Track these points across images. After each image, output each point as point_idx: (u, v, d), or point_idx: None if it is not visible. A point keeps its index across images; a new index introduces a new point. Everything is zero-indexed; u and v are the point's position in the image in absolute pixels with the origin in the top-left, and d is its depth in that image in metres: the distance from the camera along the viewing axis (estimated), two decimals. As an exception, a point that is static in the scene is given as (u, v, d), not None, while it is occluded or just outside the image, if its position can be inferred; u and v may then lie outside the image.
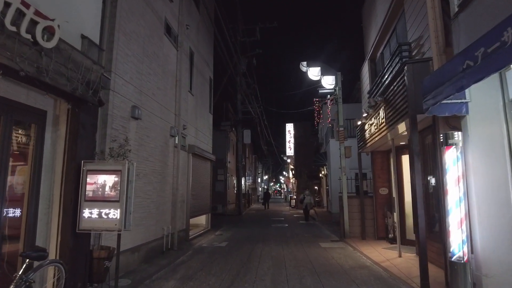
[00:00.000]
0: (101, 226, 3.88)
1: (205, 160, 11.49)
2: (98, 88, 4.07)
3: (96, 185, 3.96)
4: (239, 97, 22.09)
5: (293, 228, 12.97)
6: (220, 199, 22.29)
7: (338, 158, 16.32)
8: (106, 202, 3.91)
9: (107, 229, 3.91)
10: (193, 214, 10.00)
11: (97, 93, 4.10)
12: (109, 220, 3.87)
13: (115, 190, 3.95)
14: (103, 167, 4.04)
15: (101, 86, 4.22)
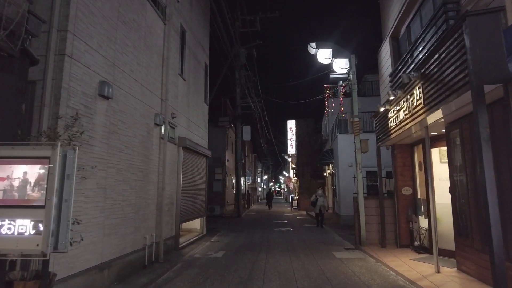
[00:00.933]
0: (12, 248, 2.42)
1: (199, 156, 10.05)
2: (19, 31, 2.65)
3: (9, 181, 2.52)
4: (238, 91, 20.67)
5: (299, 233, 11.54)
6: (217, 200, 20.86)
7: (348, 154, 14.90)
8: (23, 209, 2.46)
9: (23, 253, 2.45)
10: (184, 218, 8.56)
11: (19, 40, 2.67)
12: (25, 239, 2.42)
13: (40, 189, 2.51)
14: (22, 153, 2.58)
15: (28, 31, 2.79)
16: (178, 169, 8.17)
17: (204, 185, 10.68)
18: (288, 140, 27.50)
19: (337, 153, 15.04)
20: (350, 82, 9.48)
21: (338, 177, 14.95)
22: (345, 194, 14.08)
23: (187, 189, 8.77)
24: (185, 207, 8.61)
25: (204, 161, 10.78)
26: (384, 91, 8.85)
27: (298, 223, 15.28)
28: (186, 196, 8.68)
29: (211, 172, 21.45)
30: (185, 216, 8.63)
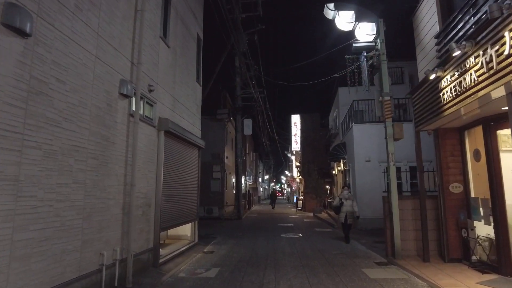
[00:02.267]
0: None
1: (189, 145, 8.11)
2: None
3: None
4: (238, 80, 18.75)
5: (311, 240, 9.58)
6: (216, 200, 18.93)
7: (365, 148, 12.90)
8: None
9: None
10: (167, 224, 6.62)
11: None
12: None
13: None
14: None
15: None
16: (159, 160, 6.22)
17: (196, 182, 8.74)
18: (292, 136, 25.53)
19: (351, 147, 13.09)
20: (377, 52, 7.54)
21: (353, 174, 12.99)
22: (362, 193, 12.13)
23: (171, 186, 6.83)
24: (169, 210, 6.66)
25: (196, 153, 8.84)
26: (424, 59, 6.90)
27: (306, 226, 13.32)
28: (169, 196, 6.73)
29: (208, 170, 19.55)
30: (169, 221, 6.68)
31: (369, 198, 12.03)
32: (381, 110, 7.49)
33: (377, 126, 12.48)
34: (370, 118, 12.73)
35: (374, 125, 12.52)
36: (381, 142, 12.43)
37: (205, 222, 15.73)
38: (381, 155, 12.19)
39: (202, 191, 19.76)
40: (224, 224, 14.96)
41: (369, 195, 12.05)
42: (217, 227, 13.61)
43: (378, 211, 12.14)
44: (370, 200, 12.02)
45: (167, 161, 6.57)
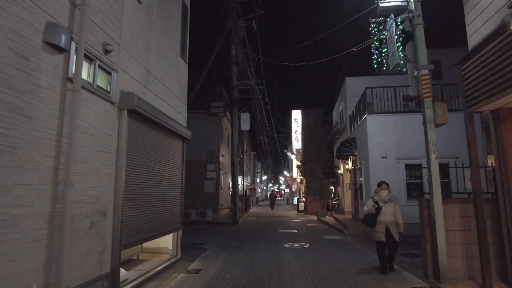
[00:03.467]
0: None
1: (168, 134, 6.39)
2: None
3: None
4: (235, 71, 17.05)
5: (322, 252, 7.87)
6: (210, 202, 17.20)
7: (380, 142, 10.98)
8: None
9: None
10: (133, 238, 4.86)
11: None
12: None
13: None
14: None
15: None
16: (120, 150, 4.48)
17: (180, 182, 6.99)
18: (293, 133, 23.83)
19: (364, 142, 11.40)
20: (411, 15, 5.84)
21: (366, 173, 11.30)
22: (377, 195, 10.42)
23: (140, 187, 5.09)
24: (136, 219, 4.92)
25: (180, 146, 7.10)
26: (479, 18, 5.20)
27: (312, 233, 11.60)
28: (138, 200, 4.99)
29: (202, 169, 17.83)
30: (136, 234, 4.93)
31: (386, 200, 10.33)
32: (416, 88, 5.79)
33: (394, 117, 10.84)
34: (385, 108, 11.05)
35: (390, 116, 10.86)
36: (399, 136, 10.82)
37: (197, 227, 13.99)
38: (399, 151, 10.55)
39: (195, 192, 18.04)
40: (218, 229, 13.22)
41: (386, 197, 10.35)
42: (210, 233, 11.87)
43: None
44: (387, 203, 10.32)
45: (133, 152, 4.83)
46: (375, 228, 5.79)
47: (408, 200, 10.31)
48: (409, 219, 10.45)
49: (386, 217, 5.74)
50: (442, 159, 10.49)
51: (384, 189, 5.94)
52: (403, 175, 10.44)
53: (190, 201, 17.48)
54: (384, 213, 5.75)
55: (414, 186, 10.46)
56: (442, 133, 10.58)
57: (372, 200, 5.98)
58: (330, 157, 21.93)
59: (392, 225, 5.72)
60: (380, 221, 5.73)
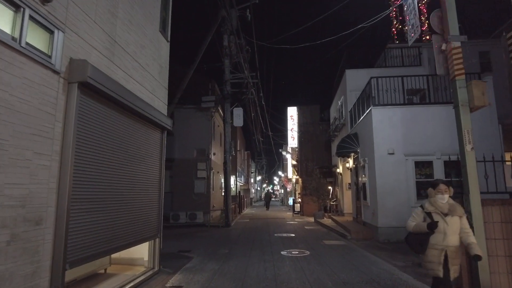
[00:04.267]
0: None
1: (143, 122, 5.27)
2: None
3: None
4: (227, 63, 15.94)
5: (325, 262, 6.80)
6: (200, 204, 16.09)
7: (387, 137, 9.63)
8: None
9: None
10: (86, 253, 3.71)
11: None
12: None
13: None
14: None
15: None
16: (66, 136, 3.36)
17: (158, 181, 5.87)
18: (289, 130, 22.80)
19: (368, 137, 10.38)
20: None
21: (370, 172, 10.28)
22: (384, 195, 9.42)
23: (98, 186, 3.96)
24: (91, 227, 3.79)
25: (158, 137, 5.98)
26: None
27: (311, 237, 10.54)
28: (94, 202, 3.86)
29: (192, 168, 16.69)
30: (90, 248, 3.78)
31: (393, 202, 9.34)
32: (443, 65, 4.76)
33: (402, 110, 9.83)
34: (392, 100, 10.04)
35: (397, 108, 9.86)
36: (407, 130, 9.80)
37: (186, 230, 12.86)
38: (408, 146, 9.55)
39: (185, 193, 16.86)
40: (208, 233, 12.11)
41: (393, 198, 9.36)
42: (199, 238, 10.75)
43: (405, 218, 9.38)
44: (394, 205, 9.33)
45: (87, 140, 3.71)
46: (426, 255, 3.53)
47: (418, 201, 9.29)
48: (419, 222, 9.46)
49: (446, 239, 3.39)
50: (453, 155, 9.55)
51: (442, 192, 3.53)
52: (412, 173, 9.44)
53: (180, 203, 16.36)
54: (443, 232, 3.41)
55: (425, 186, 9.44)
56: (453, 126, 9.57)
57: (422, 209, 3.67)
58: (327, 155, 20.94)
59: (454, 252, 3.42)
60: (435, 244, 3.44)
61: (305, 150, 21.75)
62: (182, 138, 16.74)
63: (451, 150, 9.50)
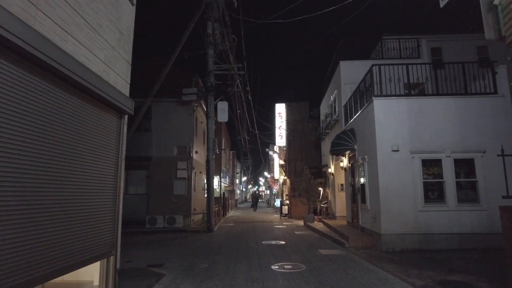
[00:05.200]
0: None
1: (88, 99, 3.88)
2: None
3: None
4: (212, 53, 14.58)
5: (327, 281, 5.55)
6: (180, 207, 14.65)
7: (391, 131, 7.98)
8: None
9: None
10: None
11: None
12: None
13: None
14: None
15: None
16: None
17: (112, 180, 4.47)
18: (277, 128, 21.58)
19: (369, 132, 9.24)
20: None
21: (372, 171, 9.14)
22: (387, 198, 8.27)
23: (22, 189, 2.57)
24: (12, 249, 2.40)
25: (114, 122, 4.58)
26: None
27: (304, 246, 9.30)
28: (15, 211, 2.47)
29: (171, 167, 15.21)
30: (12, 277, 2.40)
31: (398, 205, 8.22)
32: (491, 27, 3.59)
33: (408, 102, 8.74)
34: (395, 91, 8.93)
35: (403, 100, 8.77)
36: (413, 124, 8.64)
37: (162, 237, 11.42)
38: (414, 143, 8.45)
39: (163, 195, 15.24)
40: (187, 240, 10.71)
41: (398, 201, 8.23)
42: (176, 246, 9.34)
43: (410, 223, 8.33)
44: (399, 209, 8.20)
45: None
46: None
47: (426, 205, 8.21)
48: (426, 227, 8.34)
49: None
50: (463, 153, 8.52)
51: None
52: (419, 173, 8.33)
53: (157, 206, 14.85)
54: None
55: (432, 187, 8.38)
56: (463, 120, 8.61)
57: None
58: (317, 155, 19.84)
59: None
60: None
61: (294, 149, 20.58)
62: (160, 134, 15.26)
63: (461, 147, 8.48)
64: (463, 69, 8.86)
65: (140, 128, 15.60)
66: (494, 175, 8.21)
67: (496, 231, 8.04)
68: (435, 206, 8.21)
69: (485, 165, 8.27)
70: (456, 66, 8.85)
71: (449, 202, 8.21)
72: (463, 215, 8.14)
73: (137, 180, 15.32)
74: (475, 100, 8.63)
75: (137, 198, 15.10)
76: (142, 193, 15.09)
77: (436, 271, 5.94)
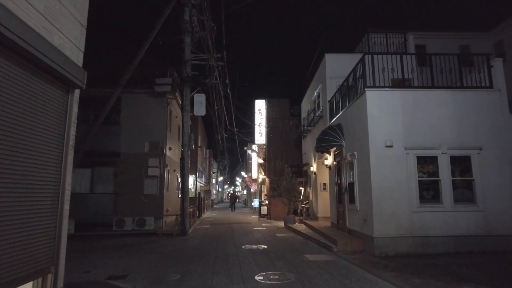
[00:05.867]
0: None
1: (25, 65, 2.79)
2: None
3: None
4: (188, 41, 13.49)
5: (320, 294, 4.72)
6: (151, 208, 13.45)
7: (384, 124, 7.16)
8: None
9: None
10: None
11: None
12: None
13: None
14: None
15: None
16: None
17: (54, 177, 3.40)
18: (256, 125, 20.69)
19: (360, 126, 8.55)
20: None
21: (362, 168, 8.45)
22: (380, 198, 7.58)
23: None
24: None
25: (61, 98, 3.50)
26: None
27: (288, 250, 8.46)
28: None
29: (141, 164, 13.94)
30: None
31: (392, 206, 7.55)
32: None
33: (402, 94, 8.12)
34: (389, 82, 8.29)
35: (397, 92, 8.14)
36: (408, 118, 7.97)
37: (130, 241, 10.25)
38: (409, 138, 7.83)
39: (132, 194, 13.77)
40: (158, 245, 9.60)
41: (392, 202, 7.57)
42: (144, 253, 8.22)
43: (404, 225, 7.66)
44: (393, 210, 7.54)
45: None
46: None
47: (421, 206, 7.60)
48: (422, 229, 7.65)
49: None
50: (460, 149, 7.97)
51: None
52: (414, 171, 7.72)
53: (126, 206, 13.52)
54: None
55: (427, 186, 7.78)
56: (459, 115, 8.07)
57: None
58: (298, 153, 19.17)
59: None
60: None
61: (274, 147, 19.79)
62: (131, 128, 13.98)
63: (458, 143, 7.93)
64: (459, 62, 8.36)
65: (108, 121, 14.25)
66: (491, 173, 7.73)
67: (493, 233, 7.57)
68: (430, 207, 7.61)
69: (482, 163, 7.78)
70: (452, 58, 8.33)
71: (445, 202, 7.63)
72: (459, 216, 7.59)
73: (104, 178, 13.95)
74: (471, 94, 8.13)
75: (104, 198, 13.75)
76: (109, 192, 13.74)
77: (441, 279, 5.26)
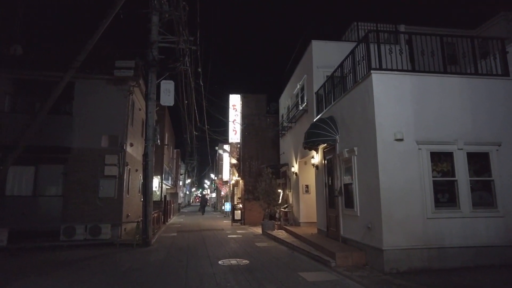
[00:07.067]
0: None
1: None
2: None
3: None
4: (155, 21, 11.64)
5: None
6: (108, 213, 11.41)
7: (393, 114, 5.17)
8: None
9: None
10: None
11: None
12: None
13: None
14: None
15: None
16: None
17: None
18: (230, 122, 19.01)
19: (363, 117, 7.21)
20: None
21: (366, 166, 7.10)
22: (390, 201, 6.24)
23: None
24: None
25: None
26: None
27: (276, 266, 6.91)
28: None
29: (97, 163, 11.82)
30: None
31: (404, 211, 6.24)
32: None
33: (413, 79, 6.86)
34: (397, 64, 7.03)
35: (407, 76, 6.88)
36: (419, 107, 6.57)
37: (80, 254, 8.20)
38: (420, 131, 6.57)
39: (85, 197, 11.24)
40: (113, 259, 7.67)
41: (404, 206, 6.26)
42: (91, 272, 6.28)
43: (418, 235, 6.30)
44: (405, 215, 6.23)
45: None
46: None
47: (436, 210, 6.36)
48: (437, 239, 6.33)
49: None
50: (477, 145, 6.84)
51: None
52: (428, 170, 6.48)
53: (76, 211, 11.26)
54: None
55: (442, 187, 6.57)
56: (476, 107, 6.97)
57: None
58: (275, 153, 17.78)
59: None
60: None
61: (249, 146, 18.24)
62: (85, 120, 11.83)
63: (473, 137, 6.80)
64: (473, 46, 7.28)
65: (57, 110, 12.01)
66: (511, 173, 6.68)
67: (514, 243, 6.50)
68: (446, 212, 6.39)
69: (501, 161, 6.70)
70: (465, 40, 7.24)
71: (462, 207, 6.45)
72: (478, 223, 6.45)
73: (50, 178, 11.69)
74: (487, 82, 7.07)
75: (49, 202, 11.49)
76: (56, 194, 11.51)
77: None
